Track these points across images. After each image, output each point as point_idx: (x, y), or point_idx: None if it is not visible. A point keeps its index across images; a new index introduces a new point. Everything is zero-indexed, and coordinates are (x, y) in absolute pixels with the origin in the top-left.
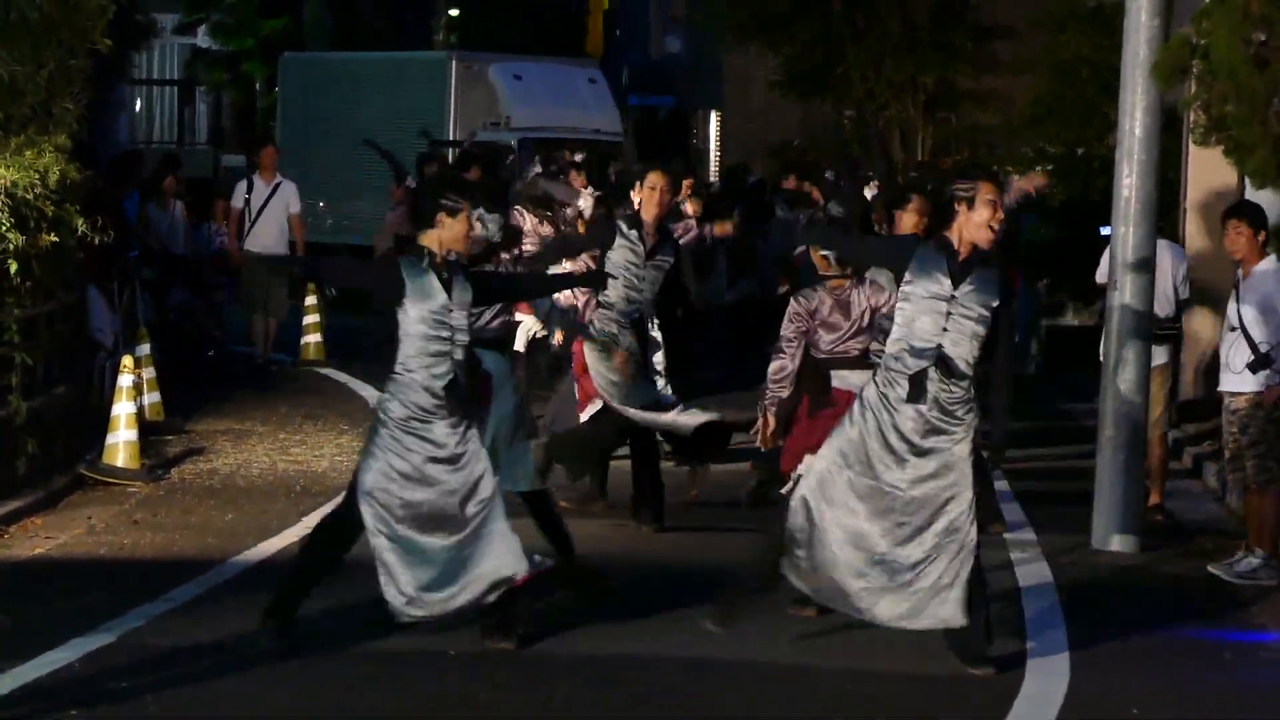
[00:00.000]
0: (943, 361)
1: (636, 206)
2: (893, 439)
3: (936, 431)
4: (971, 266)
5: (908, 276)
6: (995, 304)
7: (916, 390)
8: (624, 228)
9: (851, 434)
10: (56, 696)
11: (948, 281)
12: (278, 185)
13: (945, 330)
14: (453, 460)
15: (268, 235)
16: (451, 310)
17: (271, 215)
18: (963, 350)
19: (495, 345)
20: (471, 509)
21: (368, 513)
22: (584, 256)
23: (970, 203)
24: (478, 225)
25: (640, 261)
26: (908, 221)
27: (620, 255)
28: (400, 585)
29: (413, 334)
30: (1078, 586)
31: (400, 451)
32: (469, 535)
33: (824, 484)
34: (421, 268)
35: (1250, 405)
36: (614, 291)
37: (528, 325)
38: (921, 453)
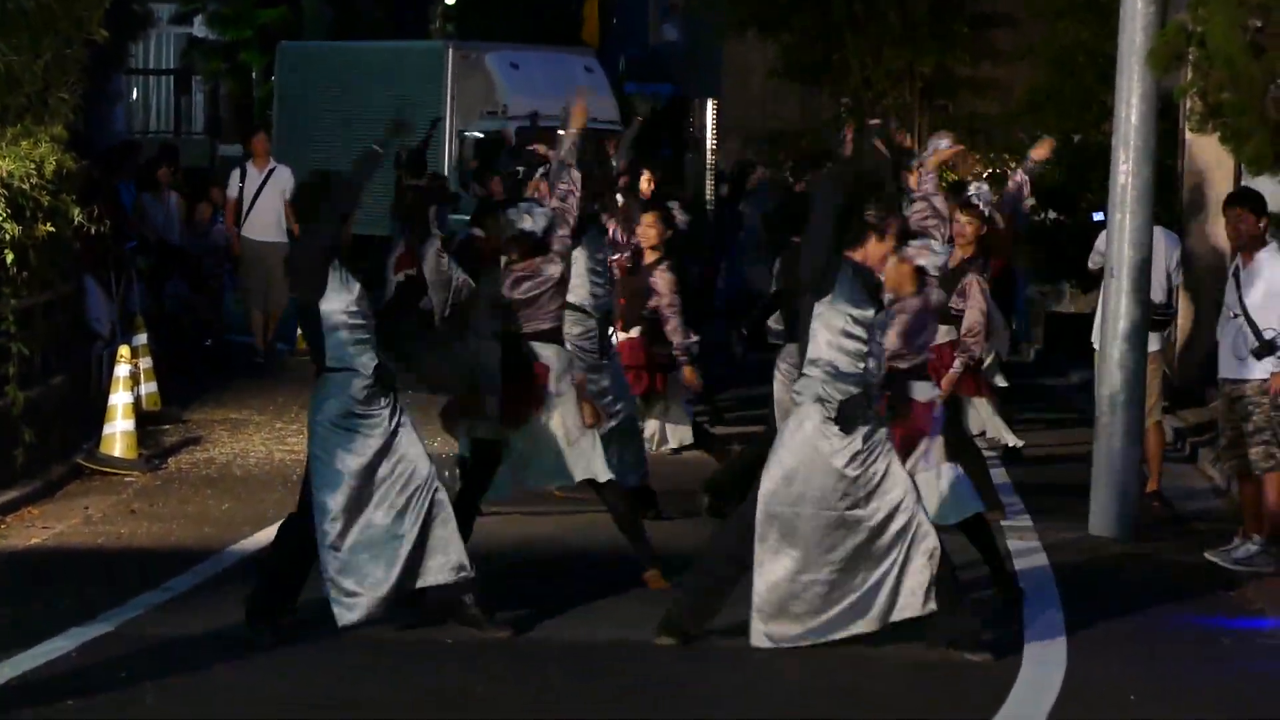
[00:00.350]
0: (867, 386)
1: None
2: (839, 464)
3: (869, 450)
4: (881, 293)
5: (829, 297)
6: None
7: (851, 418)
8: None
9: (793, 466)
10: (54, 686)
11: (870, 308)
12: (272, 171)
13: (867, 354)
14: (388, 449)
15: (264, 222)
16: (363, 299)
17: (267, 202)
18: (878, 374)
19: (550, 337)
20: (410, 498)
21: (325, 522)
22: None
23: (881, 234)
24: (526, 219)
25: (604, 258)
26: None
27: (583, 254)
28: (348, 591)
29: (338, 326)
30: (1075, 574)
31: (346, 450)
32: (410, 525)
33: (783, 528)
34: (335, 263)
35: (1255, 392)
36: (580, 291)
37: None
38: (865, 474)
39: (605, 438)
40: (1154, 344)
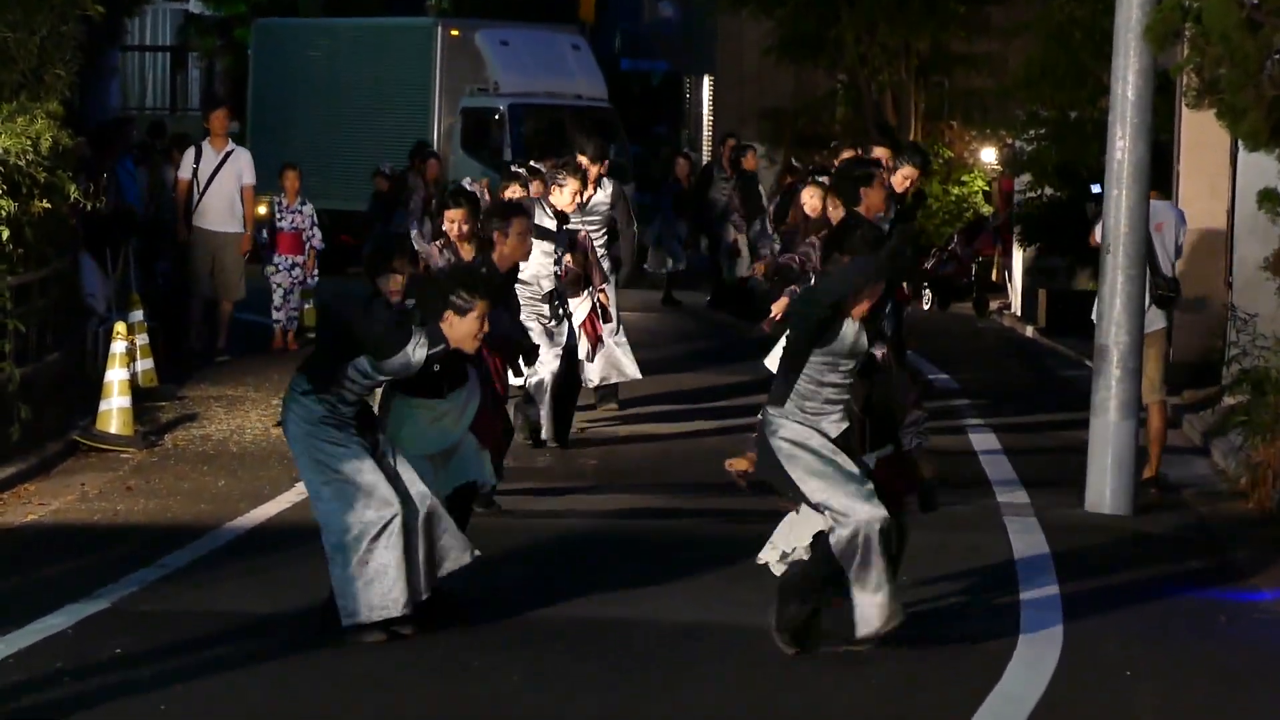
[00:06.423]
0: None
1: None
2: None
3: None
4: None
5: None
6: None
7: None
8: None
9: None
10: (50, 662)
11: None
12: (229, 153)
13: None
14: None
15: (217, 209)
16: None
17: (221, 187)
18: None
19: None
20: None
21: None
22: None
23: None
24: None
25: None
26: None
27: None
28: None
29: None
30: (1071, 549)
31: None
32: None
33: None
34: None
35: None
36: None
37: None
38: None
39: None
40: (1159, 322)
